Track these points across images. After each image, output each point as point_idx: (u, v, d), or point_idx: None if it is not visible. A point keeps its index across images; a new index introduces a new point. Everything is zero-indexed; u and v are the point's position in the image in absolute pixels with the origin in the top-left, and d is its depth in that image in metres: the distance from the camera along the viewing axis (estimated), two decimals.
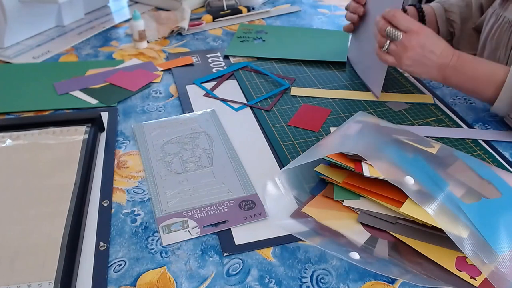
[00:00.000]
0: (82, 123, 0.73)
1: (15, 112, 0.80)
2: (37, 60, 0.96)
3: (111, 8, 1.22)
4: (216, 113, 0.79)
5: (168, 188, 0.63)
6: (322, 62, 0.97)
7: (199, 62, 0.96)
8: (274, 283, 0.51)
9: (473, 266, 0.52)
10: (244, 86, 0.88)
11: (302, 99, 0.84)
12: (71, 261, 0.52)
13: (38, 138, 0.70)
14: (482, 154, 0.70)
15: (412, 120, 0.78)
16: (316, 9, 1.26)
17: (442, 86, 0.90)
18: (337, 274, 0.53)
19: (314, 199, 0.61)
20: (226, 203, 0.61)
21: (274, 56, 0.98)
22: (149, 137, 0.73)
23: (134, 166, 0.68)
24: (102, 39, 1.06)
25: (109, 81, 0.88)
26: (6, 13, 0.95)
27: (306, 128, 0.76)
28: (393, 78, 0.91)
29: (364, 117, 0.69)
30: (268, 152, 0.71)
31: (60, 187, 0.62)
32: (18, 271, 0.51)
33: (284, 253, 0.55)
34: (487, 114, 0.82)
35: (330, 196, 0.61)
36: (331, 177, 0.62)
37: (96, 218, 0.59)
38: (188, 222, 0.58)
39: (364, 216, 0.58)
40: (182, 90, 0.86)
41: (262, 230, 0.57)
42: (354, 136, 0.64)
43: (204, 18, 1.15)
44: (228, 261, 0.54)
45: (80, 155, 0.67)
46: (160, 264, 0.53)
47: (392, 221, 0.57)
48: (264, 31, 1.10)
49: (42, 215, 0.57)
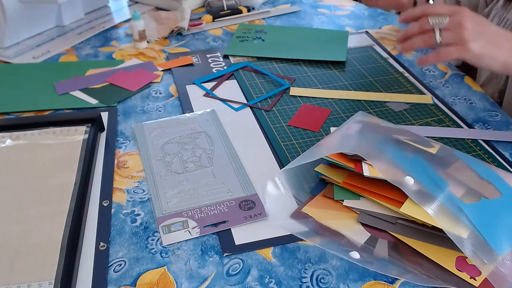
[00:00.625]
0: (82, 123, 0.73)
1: (15, 112, 0.80)
2: (37, 60, 0.96)
3: (111, 8, 1.22)
4: (216, 113, 0.79)
5: (168, 188, 0.63)
6: (322, 62, 0.97)
7: (199, 62, 0.96)
8: (274, 283, 0.51)
9: (473, 266, 0.52)
10: (244, 86, 0.88)
11: (302, 99, 0.84)
12: (71, 261, 0.52)
13: (38, 138, 0.70)
14: (482, 154, 0.70)
15: (412, 120, 0.78)
16: (316, 9, 1.26)
17: (442, 86, 0.90)
18: (337, 274, 0.53)
19: (314, 199, 0.61)
20: (226, 203, 0.61)
21: (273, 56, 0.98)
22: (149, 137, 0.73)
23: (134, 166, 0.68)
24: (102, 39, 1.06)
25: (109, 81, 0.88)
26: (6, 13, 0.95)
27: (306, 128, 0.76)
28: (393, 78, 0.91)
29: (364, 117, 0.69)
30: (268, 152, 0.71)
31: (60, 187, 0.62)
32: (18, 271, 0.51)
33: (284, 253, 0.55)
34: (487, 114, 0.82)
35: (330, 196, 0.61)
36: (331, 177, 0.62)
37: (96, 218, 0.59)
38: (188, 222, 0.58)
39: (364, 216, 0.58)
40: (182, 90, 0.86)
41: (262, 230, 0.57)
42: (354, 136, 0.64)
43: (204, 18, 1.15)
44: (228, 261, 0.54)
45: (80, 155, 0.67)
46: (160, 264, 0.53)
47: (392, 221, 0.57)
48: (264, 31, 1.10)
49: (42, 215, 0.58)
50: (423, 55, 0.66)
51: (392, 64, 0.96)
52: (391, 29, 1.14)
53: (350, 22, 1.18)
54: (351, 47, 1.03)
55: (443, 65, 0.97)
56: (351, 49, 1.02)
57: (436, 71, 0.95)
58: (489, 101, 0.85)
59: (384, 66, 0.96)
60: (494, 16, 0.85)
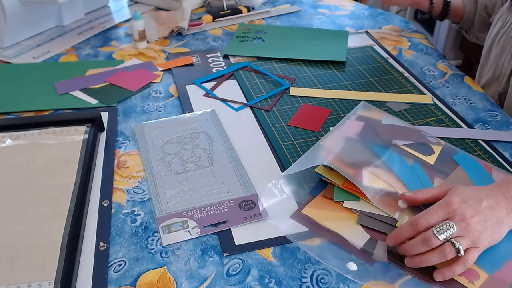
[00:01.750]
0: (82, 123, 0.73)
1: (15, 112, 0.80)
2: (37, 60, 0.96)
3: (111, 8, 1.22)
4: (216, 113, 0.79)
5: (168, 188, 0.63)
6: (322, 62, 0.97)
7: (199, 62, 0.96)
8: (274, 283, 0.51)
9: (471, 271, 0.52)
10: (244, 86, 0.88)
11: (302, 99, 0.84)
12: (71, 261, 0.52)
13: (38, 138, 0.70)
14: (482, 154, 0.70)
15: (412, 120, 0.78)
16: (316, 9, 1.26)
17: (442, 86, 0.90)
18: (337, 274, 0.53)
19: (313, 200, 0.61)
20: (226, 203, 0.61)
21: (273, 56, 0.98)
22: (149, 137, 0.73)
23: (134, 166, 0.68)
24: (102, 39, 1.06)
25: (109, 81, 0.88)
26: (6, 13, 0.95)
27: (306, 128, 0.76)
28: (393, 78, 0.91)
29: (366, 110, 0.69)
30: (268, 152, 0.71)
31: (60, 187, 0.62)
32: (18, 271, 0.51)
33: (284, 253, 0.55)
34: (487, 114, 0.82)
35: (330, 196, 0.61)
36: (331, 179, 0.62)
37: (96, 218, 0.59)
38: (188, 222, 0.58)
39: (364, 218, 0.58)
40: (182, 90, 0.86)
41: (262, 230, 0.57)
42: (354, 140, 0.65)
43: (204, 18, 1.15)
44: (228, 261, 0.54)
45: (80, 155, 0.67)
46: (160, 264, 0.53)
47: (392, 223, 0.57)
48: (264, 31, 1.10)
49: (42, 215, 0.57)
50: (443, 270, 0.51)
51: (392, 64, 0.96)
52: (391, 29, 1.14)
53: (350, 22, 1.18)
54: (351, 47, 1.03)
55: (443, 65, 0.97)
56: (351, 49, 1.02)
57: (436, 71, 0.95)
58: (489, 101, 0.85)
59: (384, 66, 0.96)
60: (499, 19, 0.84)
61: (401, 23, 1.18)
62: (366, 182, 0.59)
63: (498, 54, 0.82)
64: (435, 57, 1.01)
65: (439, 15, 1.03)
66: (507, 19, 0.81)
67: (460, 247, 0.49)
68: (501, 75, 0.90)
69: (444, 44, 2.05)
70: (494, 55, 0.83)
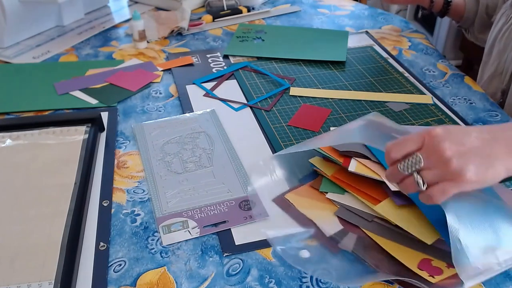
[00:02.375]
0: (82, 123, 0.73)
1: (15, 112, 0.80)
2: (37, 60, 0.96)
3: (111, 8, 1.22)
4: (216, 113, 0.79)
5: (168, 188, 0.63)
6: (322, 62, 0.97)
7: (199, 62, 0.96)
8: (274, 283, 0.51)
9: (436, 268, 0.52)
10: (244, 86, 0.88)
11: (302, 99, 0.84)
12: (71, 261, 0.52)
13: (38, 138, 0.70)
14: None
15: (412, 120, 0.78)
16: (316, 9, 1.26)
17: (442, 86, 0.90)
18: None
19: (300, 188, 0.63)
20: (226, 203, 0.61)
21: (273, 56, 0.98)
22: (149, 137, 0.73)
23: (134, 166, 0.68)
24: (102, 39, 1.06)
25: (109, 81, 0.88)
26: (6, 13, 0.95)
27: (306, 128, 0.76)
28: (393, 78, 0.91)
29: (374, 117, 0.69)
30: (268, 152, 0.71)
31: (60, 187, 0.62)
32: (18, 271, 0.51)
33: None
34: (487, 114, 0.82)
35: (317, 187, 0.62)
36: (322, 170, 0.63)
37: (96, 218, 0.59)
38: (188, 222, 0.58)
39: (343, 211, 0.59)
40: (182, 90, 0.86)
41: (262, 230, 0.57)
42: (354, 129, 0.65)
43: (204, 18, 1.15)
44: (228, 261, 0.54)
45: (80, 155, 0.67)
46: (160, 264, 0.53)
47: (368, 219, 0.58)
48: (264, 31, 1.10)
49: (42, 215, 0.58)
50: None
51: (392, 64, 0.96)
52: (391, 29, 1.14)
53: (350, 22, 1.18)
54: (351, 47, 1.03)
55: (443, 65, 0.97)
56: (351, 49, 1.03)
57: (436, 71, 0.95)
58: (489, 101, 0.85)
59: (384, 66, 0.96)
60: (502, 15, 0.84)
61: (401, 23, 1.18)
62: (352, 169, 0.60)
63: (501, 50, 0.82)
64: (435, 57, 1.01)
65: (439, 12, 1.04)
66: (510, 16, 0.81)
67: (420, 181, 0.46)
68: (503, 72, 0.90)
69: (444, 44, 2.05)
70: (497, 52, 0.83)
